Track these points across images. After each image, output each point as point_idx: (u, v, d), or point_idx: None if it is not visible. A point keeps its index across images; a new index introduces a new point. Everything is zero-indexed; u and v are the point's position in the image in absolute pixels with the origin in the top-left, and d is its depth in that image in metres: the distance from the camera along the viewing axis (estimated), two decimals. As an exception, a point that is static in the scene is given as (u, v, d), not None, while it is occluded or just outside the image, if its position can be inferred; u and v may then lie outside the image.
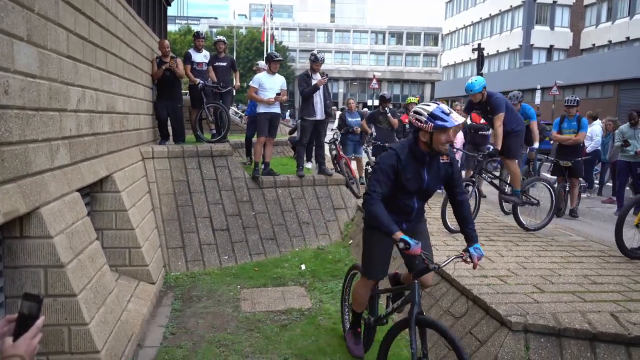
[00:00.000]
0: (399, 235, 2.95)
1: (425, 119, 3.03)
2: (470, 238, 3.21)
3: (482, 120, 7.93)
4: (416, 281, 3.16)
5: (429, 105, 3.09)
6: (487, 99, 6.15)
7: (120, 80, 5.90)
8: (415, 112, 3.11)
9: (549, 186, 6.74)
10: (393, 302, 3.66)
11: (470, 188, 6.26)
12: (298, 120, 9.53)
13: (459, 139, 9.17)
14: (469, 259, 3.10)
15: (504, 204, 7.68)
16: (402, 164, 3.15)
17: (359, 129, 9.48)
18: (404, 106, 10.33)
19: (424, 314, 3.13)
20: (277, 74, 7.74)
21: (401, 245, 2.92)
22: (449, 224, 6.18)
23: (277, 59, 7.76)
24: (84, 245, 3.94)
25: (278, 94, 7.49)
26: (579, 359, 3.30)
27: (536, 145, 8.07)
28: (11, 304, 3.35)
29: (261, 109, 7.62)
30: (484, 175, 6.62)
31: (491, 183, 6.85)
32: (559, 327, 3.38)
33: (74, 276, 3.57)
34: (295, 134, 11.69)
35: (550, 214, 6.58)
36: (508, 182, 6.72)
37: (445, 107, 3.07)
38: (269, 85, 7.51)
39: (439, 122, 2.99)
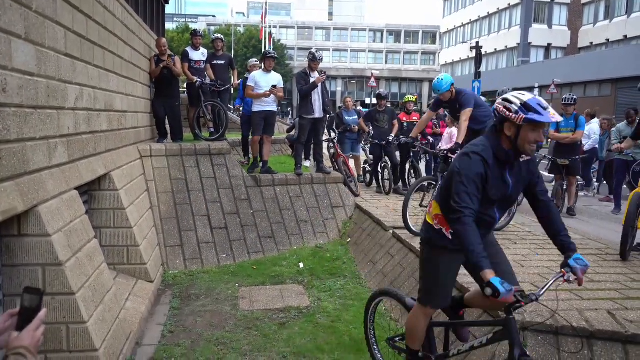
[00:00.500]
0: (489, 275, 2.39)
1: (516, 109, 2.55)
2: (568, 247, 2.64)
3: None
4: (512, 316, 2.61)
5: (523, 95, 2.61)
6: (456, 97, 5.95)
7: (118, 78, 5.89)
8: (505, 100, 2.63)
9: None
10: (459, 335, 3.17)
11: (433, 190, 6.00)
12: (296, 119, 9.53)
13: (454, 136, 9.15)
14: (571, 277, 2.55)
15: None
16: (490, 170, 2.64)
17: (357, 127, 9.48)
18: (402, 104, 10.32)
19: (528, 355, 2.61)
20: (272, 72, 7.74)
21: (488, 291, 2.37)
22: (410, 224, 5.84)
23: (271, 55, 7.78)
24: (82, 244, 3.94)
25: (274, 86, 7.50)
26: (576, 356, 3.31)
27: None
28: (9, 302, 3.35)
29: (256, 108, 7.62)
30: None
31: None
32: (557, 325, 3.39)
33: (72, 274, 3.57)
34: (292, 132, 11.68)
35: (512, 213, 6.44)
36: None
37: (542, 100, 2.60)
38: (264, 83, 7.53)
39: (533, 115, 2.52)
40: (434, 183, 6.05)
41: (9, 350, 1.29)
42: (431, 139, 9.63)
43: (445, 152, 6.13)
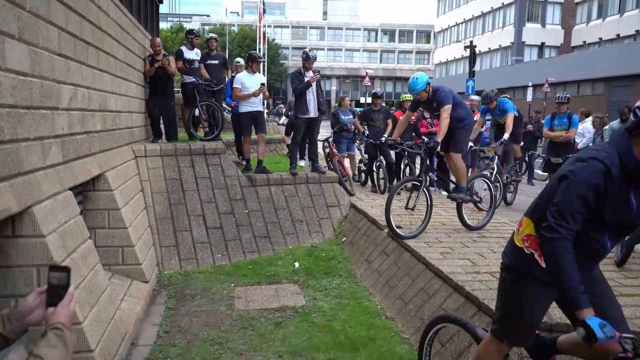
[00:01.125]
0: (587, 314, 1.94)
1: None
2: None
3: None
4: None
5: None
6: (433, 95, 5.82)
7: (112, 78, 5.87)
8: None
9: (489, 182, 6.58)
10: None
11: (417, 190, 5.92)
12: (291, 100, 9.67)
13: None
14: None
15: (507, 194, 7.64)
16: (611, 184, 2.07)
17: (352, 126, 9.49)
18: (398, 103, 10.34)
19: None
20: (257, 73, 7.96)
21: (581, 331, 1.91)
22: (393, 223, 5.73)
23: (260, 60, 8.02)
24: (76, 244, 3.93)
25: (262, 84, 7.69)
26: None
27: (506, 136, 7.97)
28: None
29: (244, 109, 7.73)
30: (430, 173, 6.17)
31: (436, 181, 6.67)
32: (551, 322, 3.41)
33: (67, 275, 3.55)
34: (289, 115, 11.65)
35: (491, 212, 6.38)
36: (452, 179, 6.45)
37: None
38: (250, 84, 7.67)
39: None
40: (418, 184, 5.93)
41: (48, 326, 1.37)
42: (426, 138, 9.65)
43: (421, 150, 6.01)
